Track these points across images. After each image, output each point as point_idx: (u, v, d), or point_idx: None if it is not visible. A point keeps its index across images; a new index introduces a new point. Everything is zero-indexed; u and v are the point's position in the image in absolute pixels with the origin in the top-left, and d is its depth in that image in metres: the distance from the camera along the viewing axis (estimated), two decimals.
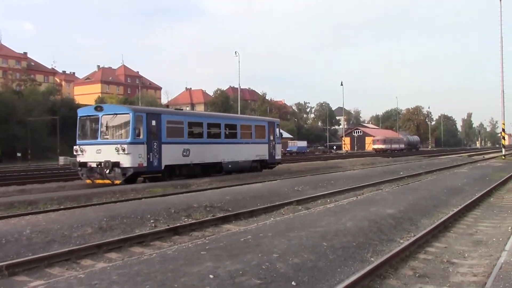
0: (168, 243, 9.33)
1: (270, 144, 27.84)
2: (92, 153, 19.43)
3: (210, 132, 23.91)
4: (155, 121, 20.13)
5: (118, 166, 18.75)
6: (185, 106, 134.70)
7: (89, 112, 20.73)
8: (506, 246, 8.08)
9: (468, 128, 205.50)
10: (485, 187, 17.48)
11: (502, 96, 39.67)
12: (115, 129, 19.76)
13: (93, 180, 19.52)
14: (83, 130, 20.70)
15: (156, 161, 20.00)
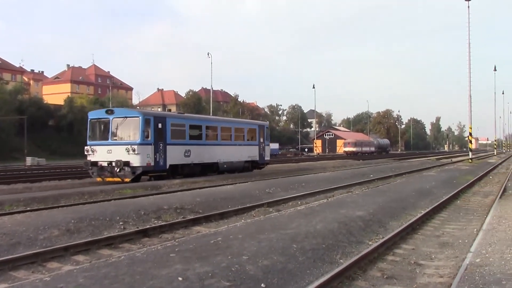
0: (137, 245, 9.22)
1: (260, 146, 29.75)
2: (103, 153, 20.76)
3: (208, 134, 25.70)
4: (161, 124, 21.68)
5: (128, 165, 20.13)
6: (157, 107, 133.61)
7: (100, 115, 22.10)
8: (472, 248, 8.25)
9: (437, 132, 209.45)
10: (452, 190, 17.82)
11: (469, 101, 40.53)
12: (125, 131, 21.15)
13: (103, 178, 20.86)
14: (93, 131, 22.05)
15: (162, 160, 21.62)
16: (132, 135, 20.90)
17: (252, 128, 29.97)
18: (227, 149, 26.75)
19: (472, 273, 6.38)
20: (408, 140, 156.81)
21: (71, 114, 73.70)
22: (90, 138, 21.89)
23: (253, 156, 29.07)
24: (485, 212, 13.16)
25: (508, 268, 6.38)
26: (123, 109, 26.73)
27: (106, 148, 20.82)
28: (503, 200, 14.71)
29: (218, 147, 26.12)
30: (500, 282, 5.80)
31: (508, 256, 7.10)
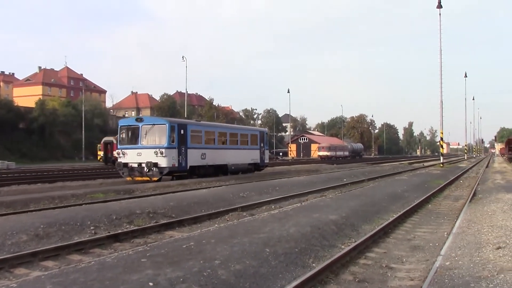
0: (108, 250, 9.08)
1: (261, 150, 33.16)
2: (133, 155, 23.49)
3: (219, 140, 28.99)
4: (183, 130, 24.64)
5: (156, 166, 22.95)
6: (131, 110, 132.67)
7: (130, 123, 25.36)
8: (442, 251, 8.37)
9: (409, 137, 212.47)
10: (423, 194, 18.07)
11: (440, 106, 41.18)
12: (153, 137, 23.92)
13: (133, 178, 23.49)
14: (124, 137, 24.86)
15: (184, 162, 24.49)
16: (159, 140, 23.62)
17: (254, 134, 33.45)
18: (235, 153, 29.91)
19: (441, 276, 6.46)
20: (382, 144, 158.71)
21: (43, 117, 72.51)
22: (120, 143, 24.87)
23: (255, 159, 32.48)
24: (455, 215, 13.37)
25: (477, 271, 6.48)
26: (151, 117, 30.06)
27: (136, 151, 23.54)
28: (473, 204, 14.97)
29: (227, 151, 29.37)
30: (468, 284, 5.89)
31: (477, 259, 7.22)
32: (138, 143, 23.77)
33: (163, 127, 23.76)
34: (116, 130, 27.11)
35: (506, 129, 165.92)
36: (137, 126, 24.07)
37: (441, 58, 40.37)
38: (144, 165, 22.92)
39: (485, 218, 11.41)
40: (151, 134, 23.95)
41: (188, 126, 25.63)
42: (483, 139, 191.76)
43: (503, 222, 10.32)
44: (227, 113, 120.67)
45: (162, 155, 22.99)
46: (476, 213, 12.66)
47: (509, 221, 10.41)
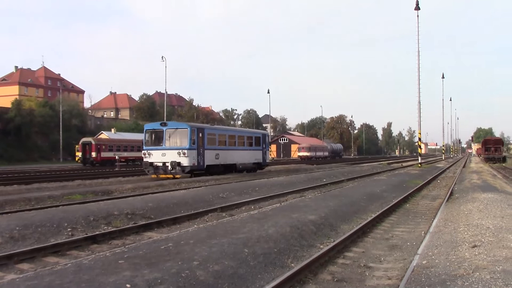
0: (86, 252, 8.98)
1: (263, 151, 36.43)
2: (158, 156, 26.64)
3: (229, 142, 32.01)
4: (201, 134, 27.88)
5: (179, 165, 26.10)
6: (110, 110, 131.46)
7: (154, 127, 28.50)
8: (419, 250, 8.46)
9: (388, 137, 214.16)
10: (402, 194, 18.26)
11: (418, 107, 41.66)
12: (176, 139, 26.97)
13: (157, 175, 26.56)
14: (150, 139, 27.89)
15: (202, 161, 27.72)
16: (181, 142, 26.70)
17: (257, 136, 36.54)
18: (242, 153, 33.32)
19: (418, 275, 6.53)
20: (361, 145, 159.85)
21: (19, 118, 71.44)
22: (146, 144, 27.84)
23: (258, 159, 35.82)
24: (432, 215, 13.54)
25: (453, 269, 6.56)
26: (174, 122, 32.80)
27: (160, 152, 26.65)
28: (449, 204, 15.17)
29: (236, 151, 32.46)
30: (444, 283, 5.96)
31: (453, 257, 7.31)
32: (162, 144, 26.90)
33: (185, 131, 26.96)
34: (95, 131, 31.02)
35: (483, 130, 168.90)
36: (161, 129, 27.35)
37: (419, 59, 40.94)
38: (168, 164, 26.10)
39: (462, 217, 11.57)
40: (174, 137, 27.10)
41: (205, 130, 29.00)
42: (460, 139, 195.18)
43: (479, 221, 10.47)
44: (207, 114, 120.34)
45: (185, 155, 26.19)
46: (453, 212, 12.83)
47: (485, 220, 10.57)
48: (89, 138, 56.93)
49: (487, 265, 6.59)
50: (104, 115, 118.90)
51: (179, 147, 26.44)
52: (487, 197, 15.47)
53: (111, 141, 60.64)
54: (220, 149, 30.18)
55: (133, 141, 62.67)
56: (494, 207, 12.80)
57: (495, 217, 11.05)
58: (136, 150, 60.01)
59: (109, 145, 56.33)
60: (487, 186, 20.86)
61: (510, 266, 6.44)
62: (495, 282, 5.74)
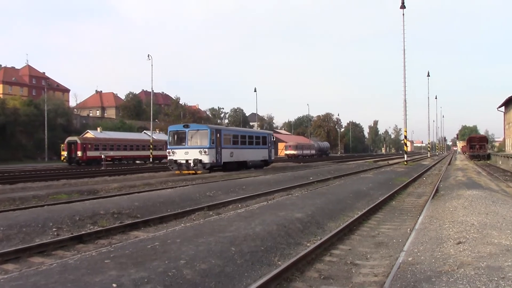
0: (71, 252, 8.90)
1: (269, 149, 40.13)
2: (181, 154, 30.28)
3: (241, 141, 35.46)
4: (218, 134, 31.52)
5: (201, 162, 29.75)
6: (95, 109, 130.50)
7: (178, 128, 32.15)
8: (405, 247, 8.53)
9: (375, 135, 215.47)
10: (388, 191, 18.38)
11: (404, 105, 41.88)
12: (197, 139, 30.56)
13: (181, 171, 30.21)
14: (173, 139, 31.55)
15: (219, 159, 31.38)
16: (202, 142, 30.27)
17: (264, 136, 40.12)
18: (252, 152, 36.95)
19: (404, 272, 6.58)
20: (348, 143, 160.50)
21: (3, 117, 70.62)
22: (170, 144, 31.51)
23: (265, 156, 39.43)
24: (418, 212, 13.64)
25: (438, 266, 6.62)
26: (195, 124, 35.90)
27: (183, 151, 30.27)
28: (435, 201, 15.29)
29: (247, 150, 36.00)
30: (430, 279, 6.01)
31: (438, 254, 7.37)
32: (185, 144, 30.44)
33: (205, 132, 30.59)
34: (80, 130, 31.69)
35: (468, 127, 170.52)
36: (184, 131, 30.95)
37: (405, 58, 41.17)
38: (191, 161, 29.78)
39: (447, 214, 11.67)
40: (195, 137, 30.62)
41: (222, 131, 32.78)
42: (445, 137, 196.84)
43: (464, 218, 10.57)
44: (194, 112, 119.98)
45: (206, 153, 29.80)
46: (438, 209, 12.94)
47: (470, 217, 10.67)
48: (75, 137, 56.48)
49: (471, 261, 6.65)
50: (89, 114, 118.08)
51: (201, 146, 30.04)
52: (472, 194, 15.61)
53: (97, 140, 60.25)
54: (234, 148, 33.81)
55: (119, 140, 62.36)
56: (479, 204, 12.92)
57: (479, 213, 11.16)
58: (122, 149, 59.70)
59: (95, 144, 55.97)
60: (472, 183, 21.06)
61: (494, 262, 6.52)
62: (479, 278, 5.80)
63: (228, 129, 36.40)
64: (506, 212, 11.64)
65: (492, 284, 5.53)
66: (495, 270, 6.11)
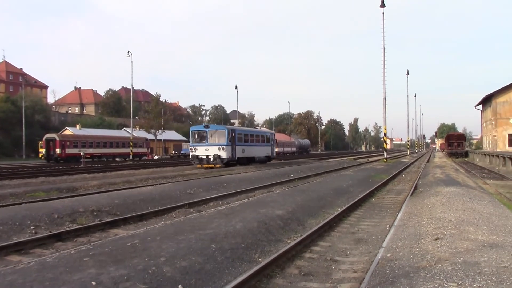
0: (50, 250, 8.80)
1: (271, 147, 45.50)
2: (202, 150, 34.95)
3: (250, 140, 40.38)
4: (233, 133, 36.39)
5: (219, 158, 34.40)
6: (74, 106, 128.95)
7: (199, 128, 37.27)
8: (384, 243, 8.62)
9: (355, 133, 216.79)
10: (367, 188, 18.54)
11: (384, 103, 42.28)
12: (216, 138, 35.35)
13: (202, 165, 34.74)
14: (195, 138, 36.34)
15: (234, 155, 36.14)
16: (220, 140, 35.09)
17: (267, 135, 45.42)
18: (259, 149, 42.05)
19: (383, 268, 6.65)
20: (328, 140, 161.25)
21: None
22: (192, 141, 36.46)
23: (268, 153, 44.57)
24: (397, 209, 13.79)
25: (416, 262, 6.70)
26: (214, 125, 40.91)
27: (204, 147, 34.98)
28: (414, 198, 15.48)
29: (255, 147, 41.04)
30: (408, 274, 6.08)
31: (417, 250, 7.46)
32: (205, 142, 35.14)
33: (223, 131, 35.60)
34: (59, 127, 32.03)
35: (446, 125, 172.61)
36: (204, 130, 35.89)
37: (385, 56, 41.55)
38: (211, 157, 34.43)
39: (425, 210, 11.82)
40: (214, 136, 35.35)
41: (236, 130, 37.70)
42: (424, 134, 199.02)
43: (442, 214, 10.73)
44: (175, 109, 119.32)
45: (224, 150, 34.56)
46: (417, 206, 13.10)
47: (447, 213, 10.84)
48: (53, 134, 55.78)
49: (448, 257, 6.76)
50: (68, 111, 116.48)
51: (219, 144, 34.75)
52: (450, 191, 15.85)
53: (76, 137, 59.62)
54: (245, 145, 38.51)
55: (98, 137, 61.75)
56: (456, 201, 13.13)
57: (457, 210, 11.34)
58: (102, 146, 59.13)
59: (74, 141, 55.35)
60: (450, 180, 21.36)
61: (470, 258, 6.63)
62: (456, 273, 5.89)
63: (240, 129, 40.68)
64: (483, 208, 11.86)
65: (468, 279, 5.62)
66: (471, 265, 6.22)
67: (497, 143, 55.59)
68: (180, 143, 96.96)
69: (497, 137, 55.81)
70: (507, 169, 35.22)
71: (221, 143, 34.77)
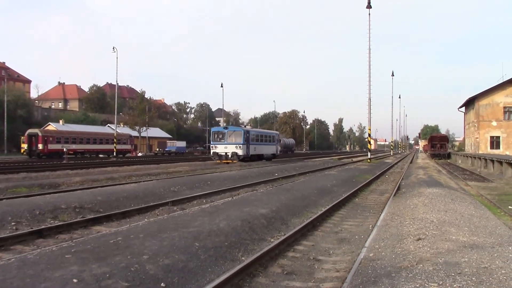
0: (31, 247, 8.70)
1: (276, 146, 51.70)
2: (221, 148, 40.08)
3: (260, 139, 45.92)
4: (248, 134, 41.73)
5: (236, 155, 39.50)
6: (58, 101, 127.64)
7: (219, 129, 42.67)
8: (366, 243, 8.68)
9: (339, 133, 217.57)
10: (351, 188, 18.64)
11: (368, 104, 42.47)
12: (234, 138, 40.42)
13: (221, 161, 39.41)
14: (215, 137, 41.23)
15: (248, 152, 41.27)
16: (237, 139, 40.29)
17: (273, 135, 51.66)
18: (266, 147, 47.55)
19: (365, 267, 6.70)
20: (313, 140, 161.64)
21: None
22: (212, 141, 41.53)
23: (274, 151, 50.58)
24: (380, 209, 13.90)
25: (398, 262, 6.76)
26: (232, 127, 48.54)
27: (223, 146, 40.12)
28: (396, 198, 15.61)
29: (263, 146, 46.56)
30: (390, 274, 6.14)
31: (399, 250, 7.53)
32: (224, 141, 40.34)
33: (240, 132, 41.18)
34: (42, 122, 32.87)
35: (429, 127, 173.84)
36: (224, 131, 41.28)
37: (370, 57, 41.70)
38: (229, 154, 39.69)
39: (408, 211, 11.93)
40: (232, 136, 40.56)
41: (250, 131, 43.36)
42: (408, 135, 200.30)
43: (424, 215, 10.83)
44: (160, 106, 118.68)
45: (240, 148, 39.88)
46: (400, 206, 13.21)
47: (429, 214, 10.95)
48: (36, 130, 55.13)
49: (430, 257, 6.83)
50: (52, 106, 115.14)
51: (236, 143, 40.06)
52: (432, 192, 16.01)
53: (59, 132, 59.00)
54: (256, 144, 43.85)
55: (82, 133, 61.23)
56: (438, 202, 13.27)
57: (439, 211, 11.46)
58: (85, 142, 58.63)
59: (57, 137, 54.78)
60: (432, 181, 21.57)
61: (451, 258, 6.71)
62: (437, 273, 5.96)
63: (253, 130, 46.47)
64: (464, 209, 12.00)
65: (449, 279, 5.69)
66: (452, 266, 6.29)
67: (479, 145, 56.26)
68: (164, 140, 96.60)
69: (479, 139, 56.49)
70: (489, 171, 35.69)
71: (238, 142, 40.11)
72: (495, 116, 55.57)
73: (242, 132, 41.00)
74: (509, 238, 8.43)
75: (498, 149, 54.51)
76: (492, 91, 56.01)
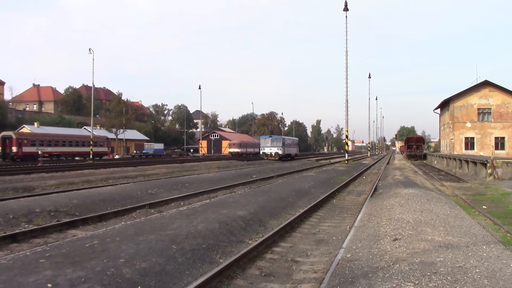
0: (4, 251, 8.54)
1: (297, 148, 68.83)
2: (268, 150, 56.72)
3: (289, 144, 61.77)
4: (284, 140, 58.84)
5: (278, 154, 55.67)
6: (32, 103, 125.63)
7: (267, 137, 60.38)
8: (344, 244, 8.73)
9: (317, 134, 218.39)
10: (329, 190, 18.76)
11: (346, 105, 42.82)
12: (276, 142, 57.17)
13: (267, 158, 56.18)
14: (263, 142, 58.66)
15: (284, 153, 57.11)
16: (278, 144, 56.39)
17: (295, 141, 69.90)
18: (292, 149, 63.32)
19: (343, 268, 6.74)
20: None
21: None
22: (262, 144, 58.40)
23: (295, 152, 66.74)
24: (357, 210, 14.01)
25: (375, 262, 6.82)
26: (275, 136, 65.05)
27: (269, 148, 56.45)
28: (374, 199, 15.75)
29: (290, 148, 62.05)
30: (367, 275, 6.18)
31: (375, 250, 7.59)
32: (269, 144, 56.63)
33: (280, 139, 57.98)
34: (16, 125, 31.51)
35: (406, 128, 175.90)
36: (270, 138, 58.49)
37: (347, 59, 42.13)
38: (273, 154, 55.45)
39: (384, 211, 12.04)
40: (275, 142, 57.12)
41: (285, 138, 60.68)
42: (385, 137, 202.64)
43: (400, 215, 10.95)
44: (137, 108, 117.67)
45: (280, 149, 55.48)
46: (376, 207, 13.33)
47: (406, 214, 11.07)
48: (10, 132, 54.12)
49: (406, 257, 6.90)
50: (26, 108, 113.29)
51: (278, 146, 56.02)
52: (408, 192, 16.19)
53: (34, 135, 58.01)
54: (287, 147, 59.17)
55: (57, 136, 60.29)
56: (415, 202, 13.43)
57: (415, 211, 11.59)
58: (61, 145, 57.79)
59: (32, 140, 53.85)
60: (408, 182, 21.82)
61: (427, 258, 6.79)
62: (413, 273, 6.02)
63: (286, 138, 65.19)
64: (440, 210, 12.16)
65: (425, 279, 5.76)
66: (428, 265, 6.37)
67: (454, 146, 57.11)
68: (141, 142, 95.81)
69: (454, 140, 57.35)
70: (463, 171, 36.29)
71: (279, 145, 56.09)
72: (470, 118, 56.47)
73: (282, 139, 58.55)
74: (483, 238, 8.58)
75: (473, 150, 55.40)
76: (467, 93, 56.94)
